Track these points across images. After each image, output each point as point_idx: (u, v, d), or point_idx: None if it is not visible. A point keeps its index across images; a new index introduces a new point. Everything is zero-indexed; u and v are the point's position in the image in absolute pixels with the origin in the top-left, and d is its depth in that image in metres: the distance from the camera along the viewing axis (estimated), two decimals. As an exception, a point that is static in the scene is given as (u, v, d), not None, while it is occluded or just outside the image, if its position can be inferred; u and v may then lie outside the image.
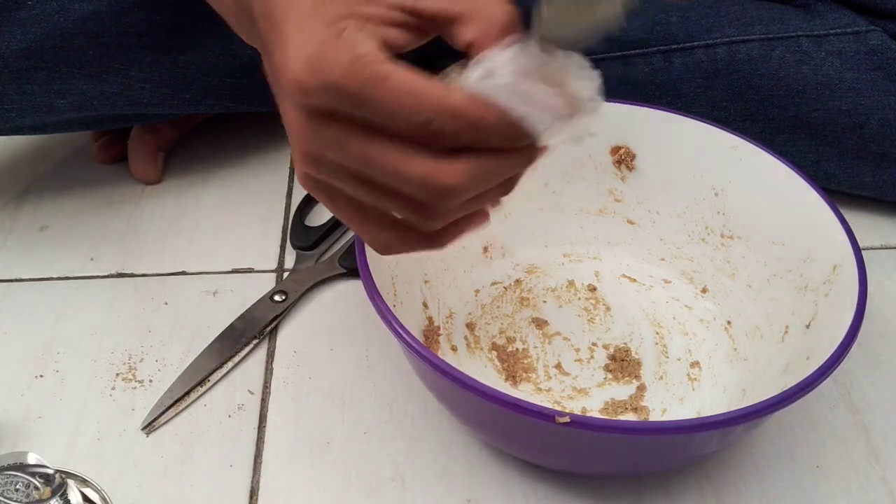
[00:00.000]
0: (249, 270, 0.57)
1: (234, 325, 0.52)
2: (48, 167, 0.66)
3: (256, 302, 0.53)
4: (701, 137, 0.50)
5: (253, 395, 0.49)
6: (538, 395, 0.48)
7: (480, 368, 0.49)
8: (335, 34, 0.31)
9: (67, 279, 0.56)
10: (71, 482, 0.38)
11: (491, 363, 0.49)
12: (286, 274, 0.56)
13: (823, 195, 0.46)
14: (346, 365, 0.51)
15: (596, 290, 0.54)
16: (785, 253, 0.49)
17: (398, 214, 0.35)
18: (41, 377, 0.50)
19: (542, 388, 0.48)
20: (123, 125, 0.64)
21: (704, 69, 0.58)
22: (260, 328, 0.52)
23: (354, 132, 0.31)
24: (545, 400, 0.47)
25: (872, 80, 0.56)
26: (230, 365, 0.50)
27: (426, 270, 0.51)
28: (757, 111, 0.58)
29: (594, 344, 0.51)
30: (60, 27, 0.51)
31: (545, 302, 0.53)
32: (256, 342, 0.51)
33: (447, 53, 0.34)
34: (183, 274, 0.57)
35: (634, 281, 0.55)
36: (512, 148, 0.32)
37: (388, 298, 0.41)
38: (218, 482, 0.44)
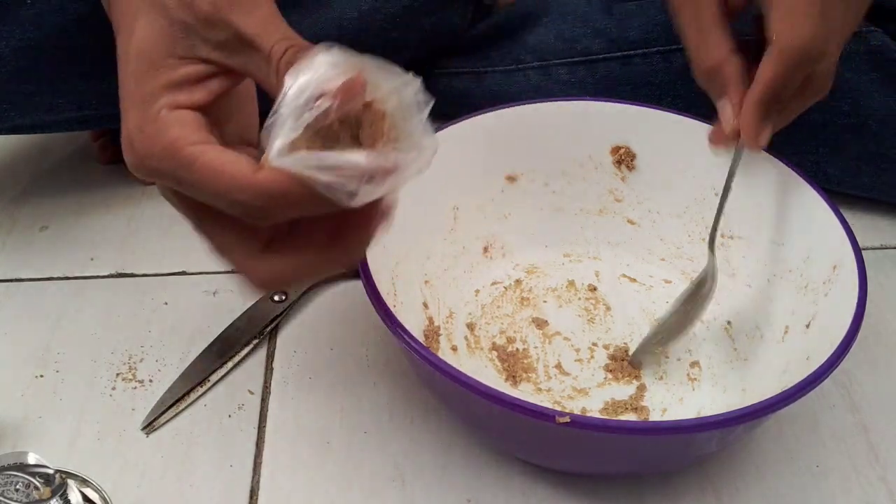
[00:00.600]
0: (249, 270, 0.57)
1: (234, 325, 0.52)
2: (48, 167, 0.66)
3: (256, 302, 0.53)
4: (701, 137, 0.50)
5: (253, 395, 0.49)
6: (538, 395, 0.48)
7: (480, 368, 0.49)
8: (151, 118, 0.32)
9: (67, 279, 0.56)
10: (71, 482, 0.37)
11: (491, 363, 0.49)
12: (286, 274, 0.56)
13: (823, 195, 0.46)
14: (346, 365, 0.51)
15: (596, 289, 0.54)
16: (785, 253, 0.49)
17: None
18: (41, 377, 0.50)
19: (542, 388, 0.48)
20: (123, 125, 0.64)
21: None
22: (260, 328, 0.52)
23: (185, 199, 0.33)
24: (545, 400, 0.47)
25: (872, 80, 0.56)
26: (230, 365, 0.50)
27: (426, 270, 0.51)
28: (756, 111, 0.58)
29: (594, 344, 0.51)
30: (59, 26, 0.51)
31: (545, 302, 0.53)
32: (256, 342, 0.51)
33: (447, 53, 0.34)
34: (183, 274, 0.57)
35: (634, 281, 0.55)
36: (336, 237, 0.33)
37: (388, 299, 0.41)
38: (218, 482, 0.44)
